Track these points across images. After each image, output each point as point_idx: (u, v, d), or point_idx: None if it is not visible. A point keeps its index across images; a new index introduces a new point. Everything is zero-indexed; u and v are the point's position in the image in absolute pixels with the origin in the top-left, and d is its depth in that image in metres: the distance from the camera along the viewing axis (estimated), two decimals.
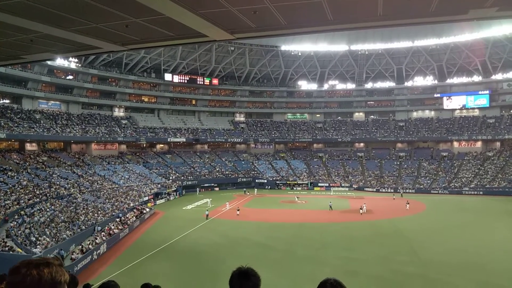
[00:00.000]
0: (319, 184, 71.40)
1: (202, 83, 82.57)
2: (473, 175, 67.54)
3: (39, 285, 1.70)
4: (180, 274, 24.50)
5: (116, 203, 45.42)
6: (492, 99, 77.64)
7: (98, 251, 28.95)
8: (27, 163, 48.43)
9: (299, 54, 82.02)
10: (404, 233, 34.56)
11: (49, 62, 57.45)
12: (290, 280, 22.75)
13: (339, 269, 24.03)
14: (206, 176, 71.39)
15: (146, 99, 79.08)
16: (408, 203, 47.95)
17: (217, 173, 72.92)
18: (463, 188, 63.63)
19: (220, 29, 6.39)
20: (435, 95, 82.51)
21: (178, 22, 6.10)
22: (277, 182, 72.79)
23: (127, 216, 41.12)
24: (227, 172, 73.98)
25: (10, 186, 38.58)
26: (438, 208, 48.88)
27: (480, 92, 78.33)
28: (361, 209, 44.29)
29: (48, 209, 35.33)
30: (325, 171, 76.64)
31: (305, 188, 70.92)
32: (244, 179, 72.85)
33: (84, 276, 23.99)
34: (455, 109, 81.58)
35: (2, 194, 35.44)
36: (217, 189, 69.58)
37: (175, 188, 62.73)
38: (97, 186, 50.43)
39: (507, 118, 75.15)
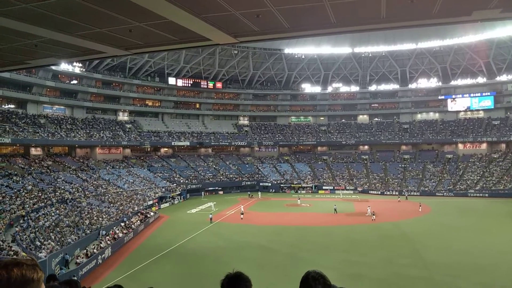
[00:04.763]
0: (324, 187, 71.19)
1: (205, 86, 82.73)
2: (478, 177, 67.10)
3: (8, 284, 1.70)
4: (185, 278, 24.47)
5: (120, 207, 45.51)
6: (496, 100, 77.18)
7: (103, 255, 28.99)
8: (32, 168, 48.66)
9: (303, 57, 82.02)
10: (408, 236, 34.36)
11: (53, 67, 57.74)
12: (294, 284, 22.55)
13: (344, 272, 23.87)
14: (210, 179, 71.45)
15: (150, 103, 79.36)
16: (421, 205, 48.22)
17: (221, 177, 72.94)
18: (469, 191, 63.24)
19: (223, 33, 6.40)
20: (439, 97, 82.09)
21: (182, 26, 6.11)
22: (282, 185, 72.65)
23: (131, 220, 41.18)
24: (231, 176, 73.98)
25: (15, 190, 38.73)
26: (443, 210, 48.58)
27: (484, 94, 77.90)
28: (373, 215, 42.69)
29: (53, 214, 35.45)
30: (330, 174, 76.47)
31: (310, 191, 70.70)
32: (248, 183, 72.79)
33: (89, 281, 24.04)
34: (460, 111, 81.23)
35: (7, 199, 35.61)
36: (221, 192, 69.54)
37: (179, 192, 62.77)
38: (102, 190, 50.56)
39: None
